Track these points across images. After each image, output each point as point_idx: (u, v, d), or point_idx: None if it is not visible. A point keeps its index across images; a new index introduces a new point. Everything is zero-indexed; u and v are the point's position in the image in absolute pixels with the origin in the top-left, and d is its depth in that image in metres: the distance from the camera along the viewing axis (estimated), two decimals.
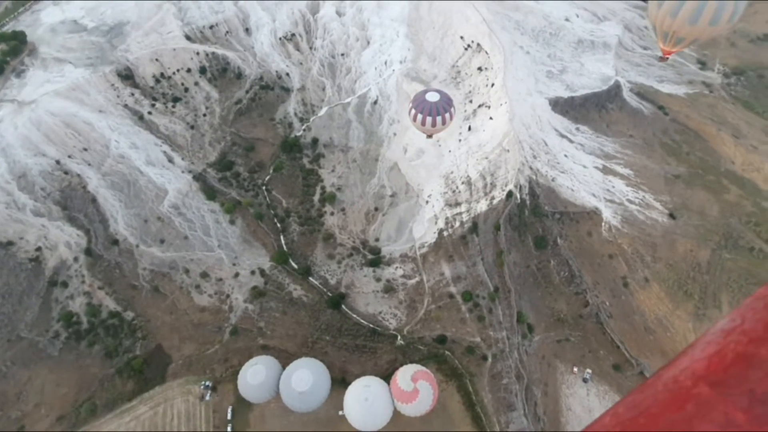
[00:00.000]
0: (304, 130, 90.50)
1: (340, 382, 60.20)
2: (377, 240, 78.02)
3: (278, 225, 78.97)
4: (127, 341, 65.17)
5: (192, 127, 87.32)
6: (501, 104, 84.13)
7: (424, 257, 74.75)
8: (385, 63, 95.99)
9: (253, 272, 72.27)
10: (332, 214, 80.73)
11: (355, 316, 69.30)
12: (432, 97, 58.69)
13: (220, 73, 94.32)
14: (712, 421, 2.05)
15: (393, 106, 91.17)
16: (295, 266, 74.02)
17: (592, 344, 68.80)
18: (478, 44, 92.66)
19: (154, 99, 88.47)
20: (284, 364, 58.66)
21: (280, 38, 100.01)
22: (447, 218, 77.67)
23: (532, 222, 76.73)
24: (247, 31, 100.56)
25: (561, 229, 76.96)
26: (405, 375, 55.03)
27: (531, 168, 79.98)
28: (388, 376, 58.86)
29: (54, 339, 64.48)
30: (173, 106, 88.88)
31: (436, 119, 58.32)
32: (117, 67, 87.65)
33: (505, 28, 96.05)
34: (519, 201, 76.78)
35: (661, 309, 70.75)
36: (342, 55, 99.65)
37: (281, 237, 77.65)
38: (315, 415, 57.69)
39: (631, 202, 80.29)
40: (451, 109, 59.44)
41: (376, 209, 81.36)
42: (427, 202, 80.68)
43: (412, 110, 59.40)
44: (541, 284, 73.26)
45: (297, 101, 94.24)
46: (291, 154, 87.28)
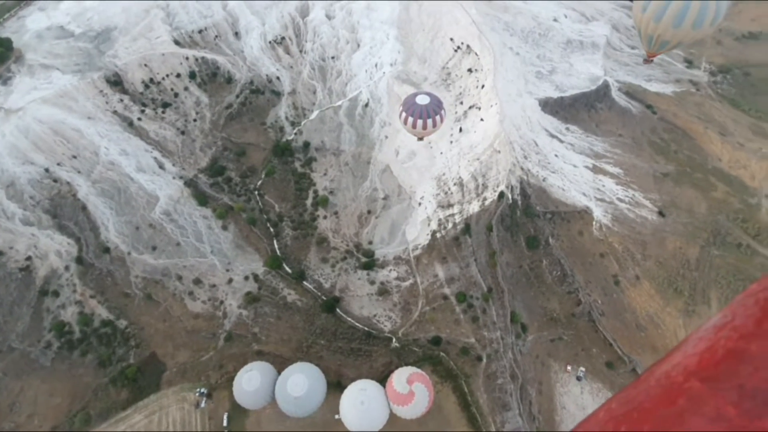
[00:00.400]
0: (295, 133, 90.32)
1: (336, 386, 60.18)
2: (371, 243, 78.14)
3: (271, 230, 78.76)
4: (121, 350, 64.66)
5: (182, 133, 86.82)
6: (491, 105, 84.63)
7: (417, 259, 75.02)
8: (376, 65, 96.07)
9: (246, 278, 72.07)
10: (325, 217, 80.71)
11: (349, 319, 69.36)
12: (422, 100, 58.95)
13: (210, 77, 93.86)
14: (703, 415, 2.11)
15: (384, 108, 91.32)
16: (289, 271, 73.94)
17: (584, 342, 69.49)
18: (467, 46, 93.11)
19: (144, 105, 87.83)
20: (279, 370, 58.49)
21: (269, 42, 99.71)
22: (440, 220, 78.01)
23: (524, 222, 77.29)
24: (236, 35, 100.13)
25: (552, 228, 77.61)
26: (400, 377, 55.18)
27: (522, 168, 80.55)
28: (383, 379, 58.98)
29: (46, 349, 63.81)
30: (163, 112, 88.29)
31: (427, 122, 58.63)
32: (105, 73, 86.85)
33: (494, 29, 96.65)
34: (511, 201, 77.32)
35: (652, 306, 71.63)
36: (332, 58, 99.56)
37: (274, 242, 77.47)
38: (311, 419, 57.70)
39: (621, 200, 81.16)
40: (442, 112, 59.78)
41: (368, 212, 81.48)
42: (419, 204, 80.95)
43: (403, 113, 59.66)
44: (534, 284, 73.84)
45: (288, 105, 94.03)
46: (283, 158, 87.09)
